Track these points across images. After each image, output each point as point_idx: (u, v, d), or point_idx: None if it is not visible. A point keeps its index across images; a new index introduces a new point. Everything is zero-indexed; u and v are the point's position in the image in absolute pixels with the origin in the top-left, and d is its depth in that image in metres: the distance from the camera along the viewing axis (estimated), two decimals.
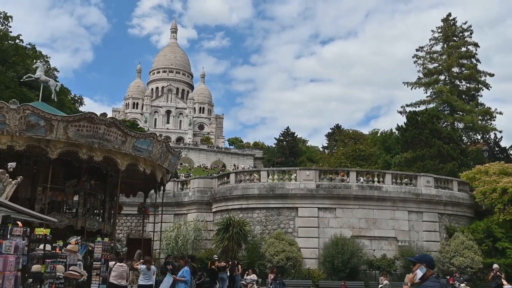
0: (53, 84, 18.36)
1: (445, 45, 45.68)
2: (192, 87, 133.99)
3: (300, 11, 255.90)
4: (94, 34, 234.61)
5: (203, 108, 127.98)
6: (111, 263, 12.76)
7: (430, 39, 46.39)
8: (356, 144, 63.08)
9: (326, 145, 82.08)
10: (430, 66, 45.99)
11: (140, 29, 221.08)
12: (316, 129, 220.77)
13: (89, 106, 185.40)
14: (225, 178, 25.43)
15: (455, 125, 42.56)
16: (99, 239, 12.16)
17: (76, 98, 64.12)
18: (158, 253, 21.50)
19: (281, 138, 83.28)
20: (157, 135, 16.12)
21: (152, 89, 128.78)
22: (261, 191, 23.35)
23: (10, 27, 41.60)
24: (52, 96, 18.28)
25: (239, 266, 19.16)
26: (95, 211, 17.47)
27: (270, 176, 23.80)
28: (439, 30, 46.12)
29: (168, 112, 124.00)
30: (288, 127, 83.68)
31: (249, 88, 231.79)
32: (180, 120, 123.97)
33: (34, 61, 51.47)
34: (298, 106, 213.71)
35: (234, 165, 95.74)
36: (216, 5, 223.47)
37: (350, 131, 72.30)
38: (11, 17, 42.08)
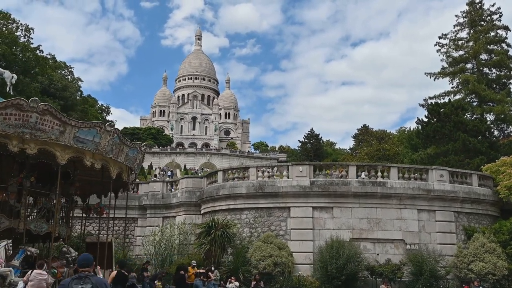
0: (8, 76, 17.00)
1: (471, 31, 41.62)
2: (217, 93, 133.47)
3: (330, 14, 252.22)
4: (128, 47, 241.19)
5: (229, 113, 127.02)
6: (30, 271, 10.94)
7: (454, 25, 42.46)
8: (381, 143, 59.40)
9: (353, 146, 78.51)
10: (455, 54, 42.07)
11: (173, 39, 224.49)
12: (348, 132, 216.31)
13: (121, 116, 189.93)
14: (213, 177, 23.34)
15: (484, 116, 38.43)
16: None
17: (103, 107, 65.01)
18: (126, 258, 19.61)
19: (305, 140, 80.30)
20: (106, 124, 14.24)
21: (178, 96, 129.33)
22: (250, 190, 21.07)
23: (32, 38, 43.47)
24: (8, 89, 16.90)
25: (210, 272, 16.96)
26: (49, 213, 15.80)
27: (260, 173, 21.50)
28: (464, 15, 42.17)
29: (194, 119, 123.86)
30: (312, 129, 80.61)
31: (279, 94, 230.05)
32: (206, 126, 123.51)
33: (58, 71, 52.51)
34: (330, 110, 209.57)
35: None
36: (247, 13, 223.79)
37: (376, 131, 68.40)
38: (32, 29, 43.83)
